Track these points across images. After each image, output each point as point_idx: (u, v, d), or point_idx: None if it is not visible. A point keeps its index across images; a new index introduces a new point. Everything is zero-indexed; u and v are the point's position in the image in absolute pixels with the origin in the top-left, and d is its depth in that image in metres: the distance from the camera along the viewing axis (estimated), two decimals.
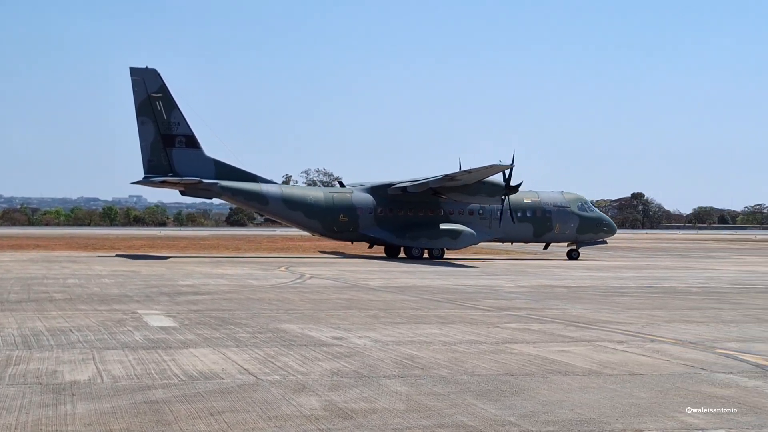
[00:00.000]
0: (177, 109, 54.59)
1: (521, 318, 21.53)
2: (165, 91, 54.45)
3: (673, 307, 24.88)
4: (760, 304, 26.12)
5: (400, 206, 56.85)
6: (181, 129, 54.49)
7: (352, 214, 56.48)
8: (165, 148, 54.19)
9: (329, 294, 28.07)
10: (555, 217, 58.05)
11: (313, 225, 56.94)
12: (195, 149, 54.97)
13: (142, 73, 54.28)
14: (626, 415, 10.72)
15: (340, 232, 56.99)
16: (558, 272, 42.22)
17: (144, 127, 54.18)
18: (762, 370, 14.04)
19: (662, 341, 17.42)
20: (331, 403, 11.19)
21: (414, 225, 56.35)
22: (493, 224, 57.04)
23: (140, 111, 54.13)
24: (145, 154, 54.35)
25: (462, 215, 57.04)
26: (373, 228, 56.63)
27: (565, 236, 58.86)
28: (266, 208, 57.48)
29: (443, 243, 56.27)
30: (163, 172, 54.18)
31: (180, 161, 54.40)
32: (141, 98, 54.00)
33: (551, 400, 11.50)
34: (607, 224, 60.12)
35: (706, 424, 10.32)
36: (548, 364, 14.48)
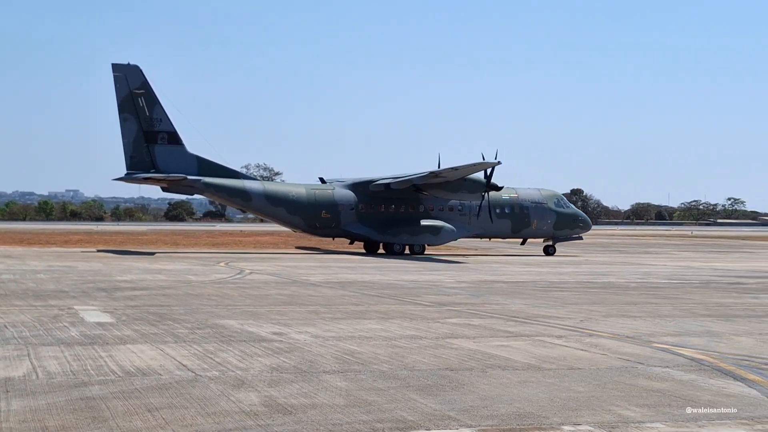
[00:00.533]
0: (159, 106, 54.39)
1: (461, 313, 21.61)
2: (147, 87, 54.27)
3: (611, 302, 25.16)
4: (696, 298, 26.52)
5: (381, 202, 57.10)
6: (164, 125, 54.30)
7: (333, 210, 56.66)
8: (147, 144, 53.99)
9: (269, 289, 27.93)
10: (533, 213, 58.84)
11: (295, 221, 57.08)
12: (177, 146, 54.77)
13: (124, 70, 54.01)
14: (564, 408, 10.80)
15: (321, 228, 57.16)
16: (498, 268, 42.49)
17: (126, 123, 53.90)
18: (697, 364, 14.24)
19: (600, 336, 17.60)
20: (271, 398, 11.12)
21: (395, 221, 56.66)
22: (473, 220, 57.56)
23: (122, 107, 53.90)
24: (128, 151, 54.06)
25: (442, 212, 57.48)
26: (354, 224, 56.79)
27: (543, 232, 59.61)
28: (249, 204, 57.48)
29: (424, 239, 56.60)
30: (145, 169, 53.97)
31: (162, 158, 54.17)
32: (123, 95, 53.77)
33: (491, 395, 11.55)
34: (583, 220, 61.22)
35: (643, 417, 10.43)
36: (488, 358, 14.55)
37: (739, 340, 17.20)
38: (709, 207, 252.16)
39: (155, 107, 54.19)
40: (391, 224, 56.53)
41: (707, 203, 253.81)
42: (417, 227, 56.50)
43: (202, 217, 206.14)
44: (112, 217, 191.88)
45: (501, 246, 69.32)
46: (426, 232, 56.47)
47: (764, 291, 29.79)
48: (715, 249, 72.79)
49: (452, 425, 9.92)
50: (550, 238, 60.04)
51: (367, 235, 57.08)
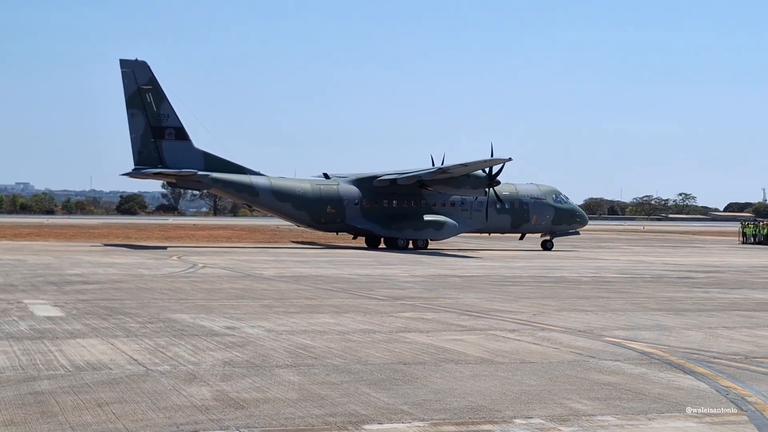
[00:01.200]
0: (166, 101, 54.53)
1: (415, 307, 21.64)
2: (155, 83, 54.35)
3: (563, 296, 25.33)
4: (647, 293, 26.79)
5: (385, 198, 57.63)
6: (171, 121, 54.48)
7: (338, 205, 57.08)
8: (155, 140, 54.14)
9: (222, 283, 27.78)
10: (532, 208, 59.44)
11: (301, 216, 57.40)
12: (184, 141, 55.00)
13: (132, 65, 54.08)
14: (516, 402, 10.85)
15: (327, 223, 57.57)
16: (452, 262, 42.61)
17: (134, 119, 54.03)
18: (648, 358, 14.37)
19: (552, 330, 17.71)
20: (223, 393, 11.05)
21: (399, 216, 57.18)
22: (474, 215, 58.24)
23: (130, 103, 53.96)
24: (135, 146, 54.23)
25: (444, 207, 58.06)
26: (358, 219, 57.24)
27: (541, 227, 60.32)
28: (256, 199, 57.67)
29: (427, 234, 57.21)
30: (152, 164, 54.14)
31: (170, 153, 54.34)
32: (131, 90, 53.83)
33: (443, 388, 11.57)
34: (580, 215, 62.03)
35: (594, 410, 10.50)
36: (441, 352, 14.58)
37: (688, 334, 17.40)
38: (660, 202, 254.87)
39: (163, 103, 54.38)
40: (395, 219, 57.07)
41: (659, 199, 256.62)
42: (420, 222, 57.09)
43: (154, 211, 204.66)
44: (63, 210, 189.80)
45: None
46: (429, 227, 57.09)
47: (714, 285, 30.17)
48: (666, 244, 73.60)
49: (405, 419, 9.92)
50: (548, 233, 60.73)
51: (372, 230, 57.58)
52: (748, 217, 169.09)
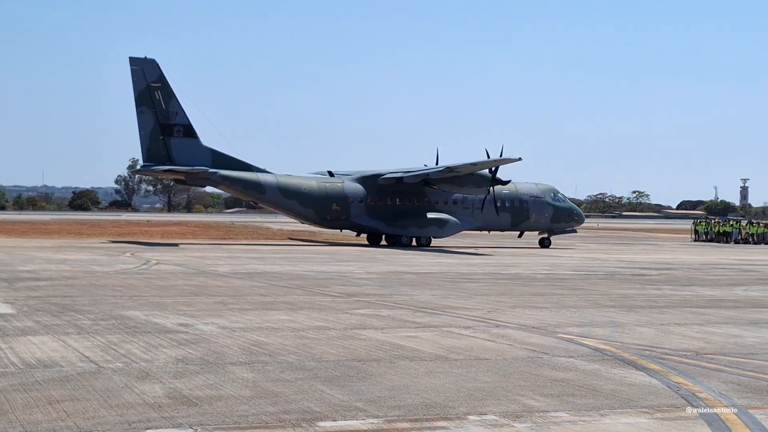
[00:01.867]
0: (175, 99, 54.79)
1: (370, 304, 21.63)
2: (164, 80, 54.59)
3: (518, 293, 25.46)
4: (600, 289, 27.00)
5: (389, 196, 58.17)
6: (179, 119, 54.76)
7: (343, 203, 57.62)
8: (163, 137, 54.41)
9: (176, 280, 27.58)
10: (531, 206, 60.43)
11: (307, 214, 57.86)
12: (192, 138, 55.27)
13: (141, 63, 54.33)
14: (470, 398, 10.88)
15: (332, 220, 58.08)
16: (407, 259, 42.67)
17: (143, 116, 54.30)
18: (600, 354, 14.48)
19: (507, 326, 17.78)
20: (176, 390, 10.96)
21: (403, 214, 57.77)
22: (475, 214, 59.07)
23: (139, 101, 54.21)
24: (144, 143, 54.53)
25: (447, 205, 58.74)
26: (363, 217, 57.78)
27: (540, 225, 61.36)
28: (263, 197, 57.82)
29: (431, 231, 57.82)
30: (161, 161, 54.45)
31: (178, 150, 54.60)
32: (140, 88, 54.08)
33: (398, 385, 11.57)
34: (578, 214, 63.32)
35: (547, 406, 10.56)
36: (396, 349, 14.58)
37: (641, 331, 17.55)
38: (614, 200, 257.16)
39: (171, 100, 54.63)
40: (399, 217, 57.66)
41: (613, 196, 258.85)
42: (424, 220, 57.75)
43: (107, 207, 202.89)
44: (14, 206, 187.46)
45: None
46: (433, 225, 57.77)
47: (666, 282, 30.48)
48: (619, 241, 74.25)
49: (359, 416, 9.90)
50: (546, 231, 61.82)
51: (377, 228, 58.08)
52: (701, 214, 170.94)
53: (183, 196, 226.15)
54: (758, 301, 24.30)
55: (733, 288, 28.69)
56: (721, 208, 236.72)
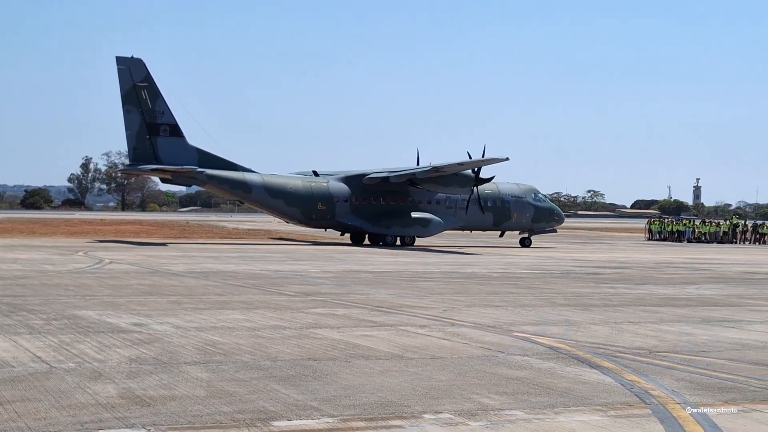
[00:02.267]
0: (161, 98, 54.98)
1: (326, 303, 21.59)
2: (150, 80, 54.86)
3: (473, 291, 25.53)
4: (555, 288, 27.16)
5: (373, 195, 58.64)
6: (165, 118, 55.04)
7: (329, 202, 58.04)
8: (150, 136, 54.65)
9: (129, 279, 27.34)
10: (513, 206, 61.22)
11: (292, 213, 58.18)
12: (178, 138, 55.55)
13: (128, 63, 54.64)
14: (426, 397, 10.88)
15: (317, 219, 58.49)
16: (363, 257, 42.65)
17: (129, 115, 54.56)
18: (555, 352, 14.55)
19: (462, 325, 17.83)
20: (129, 390, 10.85)
21: (387, 213, 58.25)
22: (458, 213, 59.73)
23: (126, 100, 54.53)
24: (131, 142, 54.85)
25: (430, 204, 59.38)
26: (348, 216, 58.19)
27: (521, 225, 62.18)
28: (249, 196, 58.01)
29: (415, 231, 58.38)
30: (147, 160, 54.77)
31: (164, 149, 54.86)
32: (127, 87, 54.41)
33: (353, 384, 11.55)
34: (558, 214, 64.05)
35: (502, 405, 10.59)
36: (352, 348, 14.56)
37: (595, 329, 17.68)
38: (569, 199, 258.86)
39: (158, 100, 54.80)
40: (383, 216, 58.06)
41: (568, 195, 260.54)
42: (408, 219, 58.25)
43: (60, 205, 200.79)
44: None
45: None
46: (417, 224, 58.32)
47: (620, 281, 30.73)
48: (574, 240, 74.78)
49: (314, 415, 9.87)
50: (527, 230, 62.61)
51: (361, 227, 58.34)
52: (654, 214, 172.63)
53: (137, 194, 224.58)
54: (710, 300, 24.58)
55: (686, 286, 29.00)
56: (675, 208, 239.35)
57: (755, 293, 27.05)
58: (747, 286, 29.93)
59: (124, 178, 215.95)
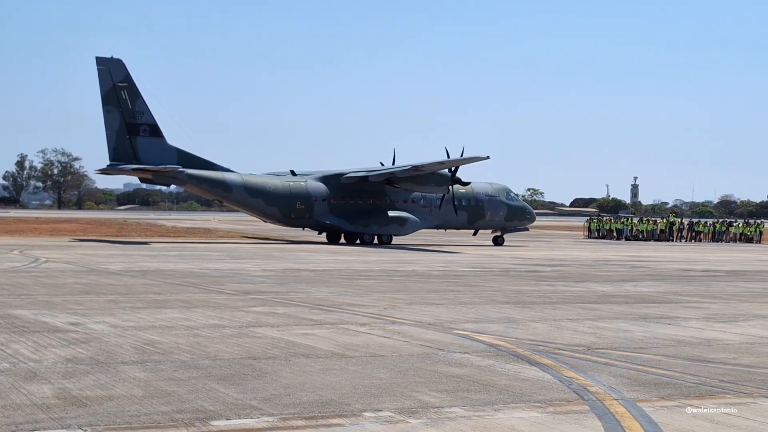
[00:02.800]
0: (141, 99, 55.55)
1: (266, 302, 21.48)
2: (130, 80, 55.40)
3: (414, 289, 25.58)
4: (495, 286, 27.32)
5: (351, 195, 59.47)
6: (145, 118, 55.57)
7: (307, 202, 58.82)
8: (130, 136, 55.19)
9: (66, 278, 26.95)
10: (487, 205, 62.49)
11: (271, 212, 58.86)
12: (158, 138, 56.06)
13: (107, 63, 55.09)
14: (366, 395, 10.86)
15: (296, 219, 59.18)
16: (304, 256, 42.53)
17: (109, 115, 55.00)
18: (495, 350, 14.63)
19: (403, 323, 17.84)
20: (65, 390, 10.69)
21: (365, 212, 59.13)
22: (434, 212, 60.84)
23: (106, 100, 55.01)
24: (111, 142, 55.21)
25: (406, 203, 60.39)
26: (326, 215, 58.95)
27: (495, 223, 63.37)
28: (229, 195, 58.51)
29: (392, 230, 59.30)
30: (127, 160, 55.13)
31: (144, 149, 55.38)
32: (107, 87, 54.89)
33: (293, 383, 11.49)
34: (529, 212, 65.68)
35: (442, 402, 10.61)
36: (292, 347, 14.49)
37: (534, 326, 17.80)
38: None
39: (137, 100, 55.34)
40: (361, 215, 58.95)
41: None
42: (385, 218, 59.20)
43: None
44: None
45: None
46: (393, 223, 59.26)
47: (559, 279, 31.01)
48: (514, 238, 75.30)
49: (254, 414, 9.80)
50: (500, 229, 63.84)
51: (339, 226, 59.07)
52: (593, 212, 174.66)
53: (74, 192, 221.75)
54: (647, 297, 24.90)
55: (624, 284, 29.35)
56: (613, 206, 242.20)
57: (691, 290, 27.47)
58: (683, 283, 30.39)
59: (61, 175, 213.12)
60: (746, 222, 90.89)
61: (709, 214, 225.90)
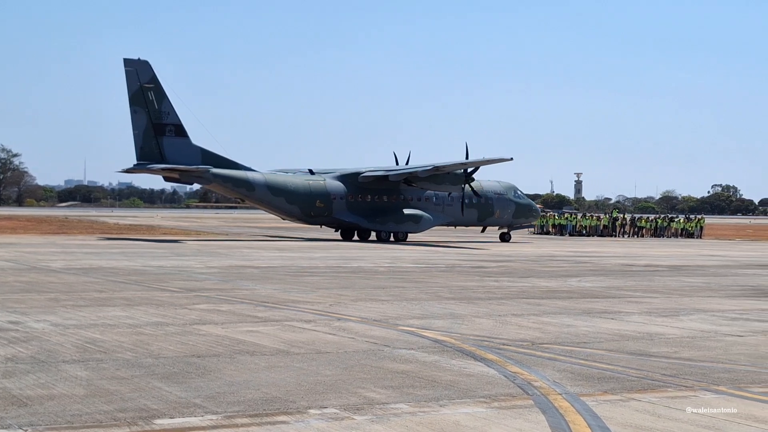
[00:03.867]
0: (167, 99, 56.60)
1: (210, 299, 21.31)
2: (156, 81, 56.38)
3: (360, 286, 25.56)
4: (440, 282, 27.39)
5: (368, 193, 60.76)
6: (171, 118, 56.66)
7: (326, 200, 60.03)
8: (156, 136, 56.25)
9: (6, 276, 26.52)
10: (496, 203, 64.16)
11: (292, 210, 59.94)
12: (183, 137, 57.17)
13: (135, 65, 56.01)
14: (311, 392, 10.82)
15: (316, 216, 60.43)
16: (249, 253, 42.29)
17: (136, 116, 55.98)
18: (440, 346, 14.66)
19: (349, 320, 17.81)
20: (5, 390, 10.50)
21: (381, 210, 60.51)
22: (446, 209, 62.49)
23: (133, 100, 55.96)
24: (138, 142, 56.24)
25: (420, 202, 61.89)
26: (345, 213, 60.25)
27: (503, 221, 65.13)
28: (252, 194, 59.52)
29: (407, 227, 60.72)
30: (154, 160, 56.25)
31: (170, 149, 56.51)
32: (134, 88, 55.86)
33: (238, 381, 11.41)
34: (535, 210, 68.04)
35: (388, 398, 10.60)
36: (236, 344, 14.39)
37: (479, 322, 17.88)
38: None
39: (163, 101, 56.41)
40: (378, 213, 60.32)
41: None
42: (401, 216, 60.55)
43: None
44: None
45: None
46: (409, 221, 60.62)
47: (504, 274, 31.18)
48: (460, 235, 75.57)
49: (198, 412, 9.70)
50: (506, 226, 65.54)
51: (358, 223, 60.63)
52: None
53: (13, 189, 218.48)
54: (590, 292, 25.14)
55: (568, 279, 29.61)
56: (557, 202, 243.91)
57: (633, 285, 27.78)
58: (626, 278, 30.72)
59: (0, 172, 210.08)
60: (687, 217, 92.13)
61: (651, 209, 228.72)
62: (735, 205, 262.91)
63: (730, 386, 11.76)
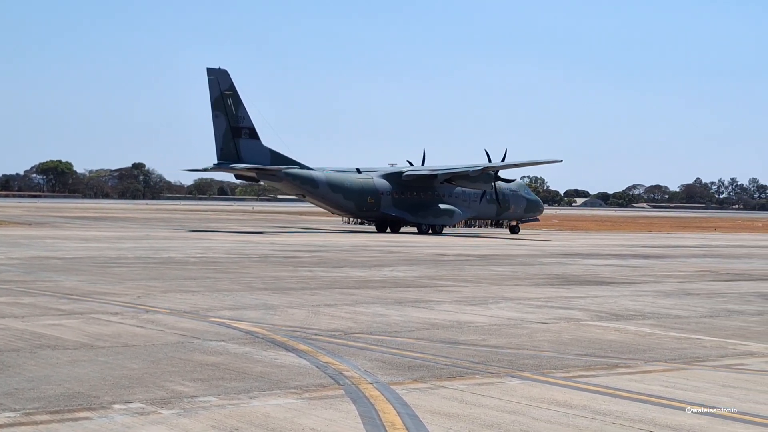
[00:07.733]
0: (242, 105, 61.98)
1: (10, 291, 20.39)
2: (233, 89, 61.85)
3: (170, 277, 25.02)
4: (253, 272, 27.14)
5: (410, 190, 67.11)
6: (246, 122, 62.04)
7: (376, 196, 66.15)
8: (234, 138, 61.51)
9: None
10: (511, 199, 71.20)
11: (348, 206, 66.14)
12: (255, 140, 62.48)
13: (216, 73, 61.53)
14: (117, 387, 10.46)
15: (367, 211, 66.80)
16: (52, 243, 40.77)
17: (217, 120, 61.46)
18: (252, 337, 14.48)
19: (158, 311, 17.38)
20: None
21: (422, 205, 66.79)
22: (471, 205, 69.27)
23: (215, 106, 61.49)
24: (218, 144, 61.74)
25: (450, 197, 68.28)
26: (391, 208, 66.45)
27: (516, 215, 72.42)
28: (316, 191, 65.02)
29: (443, 221, 66.97)
30: (232, 160, 61.59)
31: (245, 150, 61.78)
32: (215, 95, 61.40)
33: (38, 376, 10.92)
34: (541, 206, 75.42)
35: (196, 391, 10.36)
36: (37, 338, 13.79)
37: (292, 312, 17.79)
38: None
39: (240, 106, 61.80)
40: (419, 208, 66.48)
41: None
42: (438, 210, 66.83)
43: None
44: None
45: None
46: (445, 215, 67.03)
47: (318, 264, 31.20)
48: (273, 224, 75.39)
49: None
50: (516, 219, 72.73)
51: (402, 217, 66.57)
52: None
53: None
54: (402, 281, 25.45)
55: (381, 269, 29.89)
56: None
57: (444, 274, 28.32)
58: (437, 267, 31.29)
59: None
60: None
61: None
62: (542, 196, 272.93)
63: (535, 372, 12.10)
